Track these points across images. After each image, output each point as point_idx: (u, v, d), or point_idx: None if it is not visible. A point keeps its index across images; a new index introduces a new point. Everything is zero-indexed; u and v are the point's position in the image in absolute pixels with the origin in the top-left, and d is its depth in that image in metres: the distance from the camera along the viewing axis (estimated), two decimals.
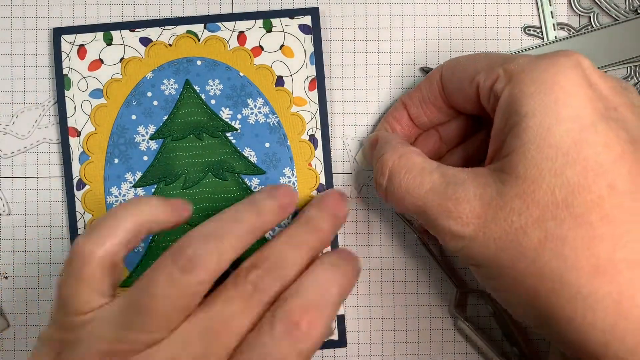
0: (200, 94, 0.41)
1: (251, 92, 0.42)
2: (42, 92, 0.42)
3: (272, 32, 0.42)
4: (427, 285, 0.42)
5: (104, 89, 0.41)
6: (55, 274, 0.42)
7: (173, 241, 0.41)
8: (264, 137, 0.41)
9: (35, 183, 0.42)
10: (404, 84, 0.42)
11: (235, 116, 0.41)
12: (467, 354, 0.42)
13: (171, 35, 0.42)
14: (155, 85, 0.41)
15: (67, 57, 0.41)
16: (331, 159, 0.42)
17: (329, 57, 0.42)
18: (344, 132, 0.42)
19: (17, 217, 0.42)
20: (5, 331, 0.42)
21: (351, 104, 0.42)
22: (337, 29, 0.42)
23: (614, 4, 0.42)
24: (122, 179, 0.41)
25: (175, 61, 0.42)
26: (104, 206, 0.41)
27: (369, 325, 0.42)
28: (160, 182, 0.41)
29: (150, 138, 0.41)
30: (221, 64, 0.42)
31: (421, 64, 0.42)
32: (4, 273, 0.42)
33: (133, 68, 0.41)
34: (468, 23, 0.42)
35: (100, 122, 0.41)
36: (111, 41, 0.42)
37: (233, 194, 0.41)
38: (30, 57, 0.42)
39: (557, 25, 0.42)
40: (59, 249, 0.42)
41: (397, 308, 0.42)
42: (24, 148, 0.42)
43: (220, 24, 0.42)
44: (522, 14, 0.43)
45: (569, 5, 0.43)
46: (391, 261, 0.42)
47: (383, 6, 0.42)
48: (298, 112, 0.42)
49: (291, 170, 0.41)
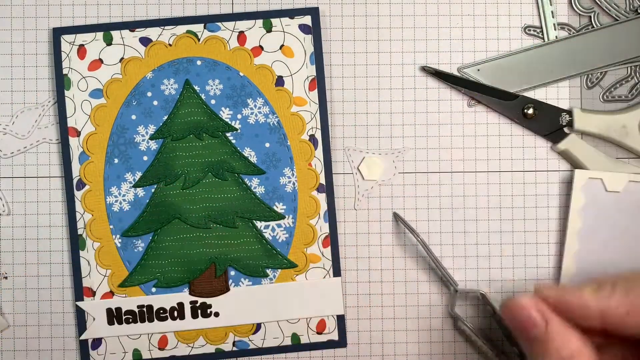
0: (200, 94, 0.41)
1: (251, 92, 0.41)
2: (42, 92, 0.42)
3: (272, 32, 0.42)
4: (427, 285, 0.42)
5: (103, 88, 0.41)
6: (55, 274, 0.42)
7: (172, 241, 0.41)
8: (264, 137, 0.41)
9: (35, 183, 0.42)
10: (404, 84, 0.42)
11: (235, 116, 0.41)
12: (467, 354, 0.42)
13: (171, 35, 0.42)
14: (155, 85, 0.41)
15: (67, 57, 0.41)
16: (331, 158, 0.42)
17: (329, 57, 0.42)
18: (345, 144, 0.42)
19: (17, 217, 0.42)
20: (5, 331, 0.42)
21: (351, 104, 0.42)
22: (337, 29, 0.42)
23: (614, 4, 0.42)
24: (122, 179, 0.41)
25: (175, 61, 0.42)
26: (103, 206, 0.41)
27: (369, 325, 0.42)
28: (160, 182, 0.41)
29: (150, 138, 0.41)
30: (221, 64, 0.42)
31: (421, 64, 0.42)
32: (4, 273, 0.42)
33: (133, 68, 0.41)
34: (468, 23, 0.42)
35: (100, 122, 0.41)
36: (111, 41, 0.42)
37: (233, 193, 0.41)
38: (30, 57, 0.42)
39: (557, 25, 0.42)
40: (59, 249, 0.42)
41: (397, 308, 0.42)
42: (24, 148, 0.42)
43: (220, 23, 0.42)
44: (522, 14, 0.42)
45: (570, 5, 0.42)
46: (391, 261, 0.42)
47: (383, 6, 0.42)
48: (298, 112, 0.41)
49: (291, 170, 0.41)
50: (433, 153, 0.42)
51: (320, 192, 0.41)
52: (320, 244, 0.42)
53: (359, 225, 0.42)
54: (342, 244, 0.42)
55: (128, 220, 0.41)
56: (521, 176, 0.42)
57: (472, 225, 0.42)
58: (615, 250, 0.41)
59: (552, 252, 0.42)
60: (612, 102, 0.42)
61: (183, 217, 0.41)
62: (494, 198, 0.42)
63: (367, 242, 0.42)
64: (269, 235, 0.41)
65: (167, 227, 0.41)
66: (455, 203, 0.42)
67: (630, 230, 0.41)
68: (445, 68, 0.42)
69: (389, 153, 0.42)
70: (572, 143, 0.42)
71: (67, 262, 0.42)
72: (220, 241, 0.41)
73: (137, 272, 0.41)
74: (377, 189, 0.42)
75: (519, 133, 0.42)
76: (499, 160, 0.42)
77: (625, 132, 0.41)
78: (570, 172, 0.42)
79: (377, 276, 0.42)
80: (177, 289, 0.41)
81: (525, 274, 0.42)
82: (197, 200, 0.41)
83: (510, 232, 0.42)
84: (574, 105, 0.42)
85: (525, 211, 0.42)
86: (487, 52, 0.42)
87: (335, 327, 0.42)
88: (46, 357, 0.42)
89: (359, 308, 0.42)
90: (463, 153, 0.42)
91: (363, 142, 0.42)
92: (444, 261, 0.42)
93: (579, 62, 0.42)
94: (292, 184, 0.41)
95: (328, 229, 0.42)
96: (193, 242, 0.41)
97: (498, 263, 0.42)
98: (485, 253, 0.42)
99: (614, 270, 0.41)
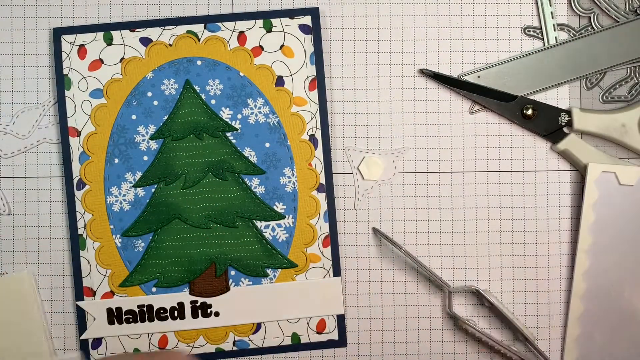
0: (201, 94, 0.41)
1: (251, 92, 0.42)
2: (42, 92, 0.42)
3: (272, 32, 0.42)
4: (427, 285, 0.42)
5: (104, 89, 0.41)
6: (56, 274, 0.42)
7: (173, 241, 0.41)
8: (264, 137, 0.41)
9: (35, 183, 0.42)
10: (404, 84, 0.42)
11: (236, 116, 0.42)
12: (467, 354, 0.42)
13: (171, 35, 0.42)
14: (156, 85, 0.41)
15: (67, 57, 0.41)
16: (331, 158, 0.42)
17: (329, 57, 0.42)
18: (345, 144, 0.42)
19: (17, 216, 0.42)
20: None
21: (351, 104, 0.42)
22: (337, 29, 0.42)
23: (614, 5, 0.42)
24: (122, 178, 0.41)
25: (175, 61, 0.42)
26: (104, 206, 0.41)
27: (369, 325, 0.42)
28: (160, 182, 0.41)
29: (150, 138, 0.41)
30: (221, 64, 0.42)
31: (421, 64, 0.42)
32: (4, 273, 0.42)
33: (133, 68, 0.41)
34: (468, 23, 0.43)
35: (101, 122, 0.41)
36: (111, 41, 0.42)
37: (233, 193, 0.41)
38: (30, 57, 0.42)
39: (557, 25, 0.42)
40: (59, 248, 0.42)
41: (397, 308, 0.42)
42: (24, 148, 0.42)
43: (221, 24, 0.42)
44: (522, 14, 0.43)
45: (569, 5, 0.43)
46: (391, 261, 0.42)
47: (383, 6, 0.42)
48: (298, 112, 0.42)
49: (291, 170, 0.42)
50: (433, 153, 0.42)
51: (320, 192, 0.42)
52: (320, 244, 0.42)
53: (359, 225, 0.42)
54: (342, 244, 0.42)
55: (128, 220, 0.41)
56: (521, 176, 0.42)
57: (471, 225, 0.42)
58: (628, 243, 0.41)
59: (552, 252, 0.42)
60: (612, 103, 0.42)
61: (183, 217, 0.41)
62: (493, 198, 0.42)
63: (367, 242, 0.42)
64: (269, 235, 0.41)
65: (168, 227, 0.41)
66: (455, 203, 0.42)
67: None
68: (445, 67, 0.42)
69: (389, 153, 0.42)
70: (571, 143, 0.42)
71: (67, 262, 0.42)
72: (221, 241, 0.41)
73: (138, 272, 0.41)
74: (377, 189, 0.42)
75: (519, 133, 0.42)
76: (499, 160, 0.42)
77: (624, 130, 0.41)
78: (570, 172, 0.42)
79: (377, 276, 0.42)
80: (178, 289, 0.41)
81: (525, 274, 0.42)
82: (198, 200, 0.41)
83: (510, 232, 0.42)
84: (574, 106, 0.42)
85: (525, 211, 0.42)
86: (487, 52, 0.42)
87: (335, 326, 0.42)
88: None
89: (359, 308, 0.42)
90: (463, 153, 0.42)
91: (363, 142, 0.42)
92: (444, 261, 0.42)
93: (579, 65, 0.42)
94: (292, 184, 0.42)
95: (328, 229, 0.42)
96: (193, 241, 0.41)
97: (498, 263, 0.42)
98: (485, 253, 0.42)
99: (625, 262, 0.41)
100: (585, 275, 0.41)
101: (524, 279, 0.42)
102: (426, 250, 0.42)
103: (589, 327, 0.41)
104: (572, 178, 0.42)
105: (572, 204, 0.42)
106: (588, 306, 0.41)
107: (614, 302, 0.41)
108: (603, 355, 0.41)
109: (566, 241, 0.42)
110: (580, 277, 0.41)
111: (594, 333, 0.41)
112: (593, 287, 0.41)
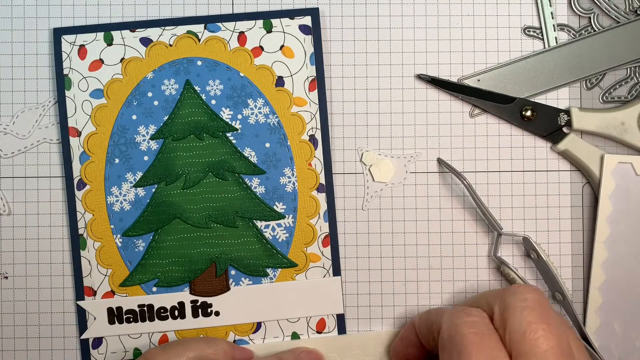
0: (201, 94, 0.42)
1: (251, 93, 0.42)
2: (42, 92, 0.42)
3: (272, 32, 0.42)
4: (427, 285, 0.42)
5: (104, 89, 0.41)
6: (56, 274, 0.42)
7: (173, 241, 0.41)
8: (264, 137, 0.42)
9: (35, 183, 0.42)
10: (404, 84, 0.42)
11: (236, 116, 0.42)
12: None
13: (171, 35, 0.42)
14: (156, 85, 0.42)
15: (67, 57, 0.41)
16: (331, 158, 0.42)
17: (329, 57, 0.42)
18: (345, 144, 0.42)
19: (17, 217, 0.42)
20: (6, 330, 0.42)
21: (351, 104, 0.42)
22: (337, 29, 0.42)
23: (614, 5, 0.42)
24: (123, 178, 0.41)
25: (175, 61, 0.42)
26: (104, 206, 0.41)
27: (369, 325, 0.42)
28: (160, 182, 0.41)
29: (150, 138, 0.41)
30: (221, 64, 0.42)
31: (421, 64, 0.42)
32: (4, 273, 0.42)
33: (133, 68, 0.42)
34: (468, 23, 0.43)
35: (101, 122, 0.41)
36: (111, 41, 0.42)
37: (233, 193, 0.41)
38: (30, 57, 0.42)
39: (557, 26, 0.42)
40: (59, 248, 0.42)
41: (397, 308, 0.42)
42: (24, 148, 0.42)
43: (221, 24, 0.42)
44: (522, 14, 0.43)
45: (569, 6, 0.43)
46: (391, 261, 0.42)
47: (383, 6, 0.42)
48: (298, 112, 0.42)
49: (291, 170, 0.42)
50: (433, 153, 0.42)
51: (320, 192, 0.42)
52: (320, 244, 0.42)
53: (359, 225, 0.42)
54: (342, 244, 0.42)
55: (129, 220, 0.41)
56: (521, 176, 0.42)
57: (472, 225, 0.42)
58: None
59: (552, 252, 0.42)
60: (612, 103, 0.42)
61: (184, 217, 0.41)
62: (494, 198, 0.42)
63: (367, 242, 0.42)
64: (269, 235, 0.42)
65: (168, 227, 0.41)
66: (455, 203, 0.42)
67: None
68: (445, 67, 0.42)
69: (395, 156, 0.42)
70: (571, 143, 0.42)
71: (67, 262, 0.42)
72: (221, 241, 0.41)
73: (138, 272, 0.41)
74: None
75: (519, 133, 0.42)
76: (499, 160, 0.42)
77: (624, 128, 0.41)
78: (570, 172, 0.42)
79: (377, 276, 0.42)
80: (178, 289, 0.41)
81: (524, 274, 0.42)
82: (198, 200, 0.41)
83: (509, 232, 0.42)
84: (573, 106, 0.42)
85: (525, 211, 0.42)
86: (487, 52, 0.42)
87: (335, 326, 0.42)
88: (47, 357, 0.42)
89: (359, 308, 0.42)
90: (463, 153, 0.42)
91: (363, 142, 0.42)
92: (444, 261, 0.42)
93: (580, 67, 0.42)
94: (292, 184, 0.42)
95: (328, 229, 0.42)
96: (194, 241, 0.41)
97: None
98: (485, 253, 0.42)
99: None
100: (604, 267, 0.41)
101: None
102: (426, 251, 0.42)
103: (609, 318, 0.41)
104: (572, 178, 0.42)
105: (572, 204, 0.42)
106: (607, 297, 0.41)
107: (633, 292, 0.41)
108: (625, 346, 0.41)
109: (566, 241, 0.42)
110: (599, 268, 0.41)
111: (613, 324, 0.41)
112: (611, 278, 0.41)
